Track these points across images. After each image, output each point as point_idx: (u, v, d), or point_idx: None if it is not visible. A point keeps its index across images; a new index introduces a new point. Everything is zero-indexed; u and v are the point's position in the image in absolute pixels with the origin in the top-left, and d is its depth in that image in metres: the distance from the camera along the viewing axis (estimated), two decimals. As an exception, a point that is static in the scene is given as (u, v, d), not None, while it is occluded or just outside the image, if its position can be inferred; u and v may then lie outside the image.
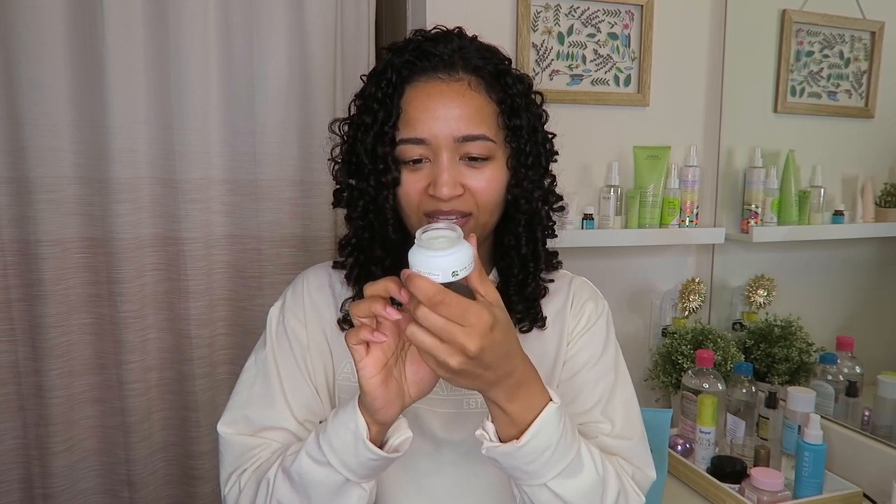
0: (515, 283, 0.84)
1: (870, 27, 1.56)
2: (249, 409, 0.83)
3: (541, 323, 0.86)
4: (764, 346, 1.51)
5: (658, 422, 1.14)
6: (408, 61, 0.77)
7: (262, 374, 0.85)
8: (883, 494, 1.15)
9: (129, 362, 1.31)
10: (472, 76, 0.77)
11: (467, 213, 0.77)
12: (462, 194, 0.76)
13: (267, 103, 1.36)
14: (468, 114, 0.75)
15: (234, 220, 1.38)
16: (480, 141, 0.76)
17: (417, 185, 0.76)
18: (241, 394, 0.85)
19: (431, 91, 0.76)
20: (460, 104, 0.75)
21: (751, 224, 1.58)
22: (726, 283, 1.68)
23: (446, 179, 0.74)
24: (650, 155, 1.55)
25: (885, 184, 1.52)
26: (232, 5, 1.32)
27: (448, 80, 0.76)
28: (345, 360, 0.85)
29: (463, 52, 0.78)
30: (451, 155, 0.75)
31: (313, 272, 0.91)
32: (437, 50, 0.77)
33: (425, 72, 0.77)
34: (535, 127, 0.82)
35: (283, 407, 0.82)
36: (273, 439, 0.81)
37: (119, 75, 1.24)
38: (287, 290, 0.91)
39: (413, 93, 0.76)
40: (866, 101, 1.59)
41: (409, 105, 0.76)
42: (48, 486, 1.29)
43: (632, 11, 1.54)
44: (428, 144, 0.75)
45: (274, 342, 0.86)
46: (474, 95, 0.76)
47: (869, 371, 1.34)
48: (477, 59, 0.78)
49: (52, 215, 1.24)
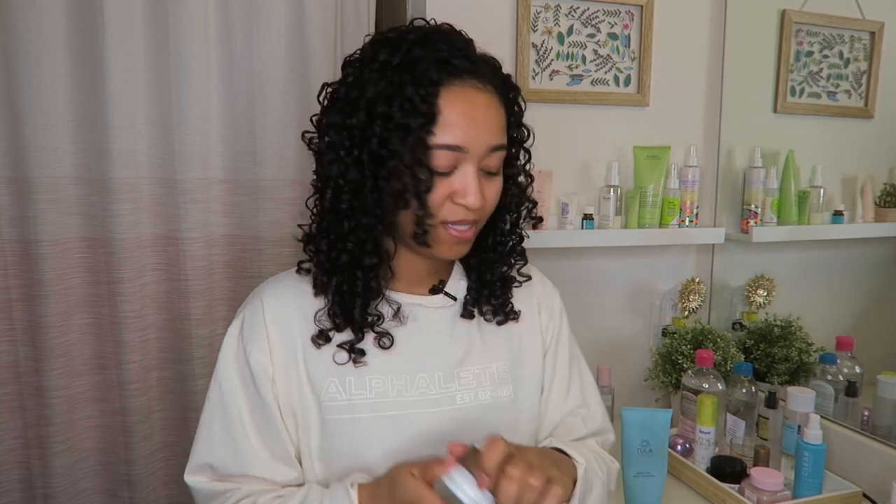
0: (491, 278, 0.88)
1: (869, 27, 1.56)
2: (213, 456, 0.80)
3: (514, 316, 0.89)
4: (764, 346, 1.51)
5: (658, 422, 1.14)
6: (442, 59, 0.72)
7: (220, 413, 0.81)
8: (882, 494, 1.15)
9: (130, 362, 1.31)
10: (493, 87, 0.77)
11: (477, 221, 0.79)
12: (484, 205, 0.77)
13: (267, 103, 1.36)
14: (499, 125, 0.77)
15: (234, 220, 1.38)
16: (502, 151, 0.78)
17: (443, 192, 0.75)
18: (201, 438, 0.82)
19: (471, 98, 0.74)
20: (495, 115, 0.77)
21: (750, 224, 1.58)
22: (726, 283, 1.68)
23: (476, 189, 0.75)
24: (650, 155, 1.55)
25: (884, 184, 1.52)
26: (232, 5, 1.32)
27: (483, 90, 0.76)
28: (329, 379, 0.80)
29: (486, 62, 0.78)
30: (479, 165, 0.76)
31: (273, 289, 0.84)
32: (475, 57, 0.76)
33: (459, 76, 0.73)
34: (523, 141, 0.85)
35: (246, 450, 0.79)
36: (243, 486, 0.80)
37: (119, 75, 1.24)
38: (243, 310, 0.84)
39: (451, 96, 0.72)
40: (866, 102, 1.59)
41: (448, 108, 0.72)
42: (48, 486, 1.29)
43: (632, 11, 1.54)
44: (466, 152, 0.74)
45: (233, 376, 0.80)
46: (499, 107, 0.78)
47: (868, 371, 1.34)
48: (493, 71, 0.78)
49: (52, 215, 1.24)
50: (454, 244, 0.79)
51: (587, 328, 1.54)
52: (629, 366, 1.62)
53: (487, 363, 0.86)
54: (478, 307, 0.88)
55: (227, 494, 0.80)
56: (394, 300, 0.84)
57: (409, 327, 0.84)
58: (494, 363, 0.86)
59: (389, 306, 0.83)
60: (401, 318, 0.83)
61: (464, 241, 0.79)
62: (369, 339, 0.82)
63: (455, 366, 0.84)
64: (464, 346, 0.86)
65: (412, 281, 0.86)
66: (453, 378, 0.83)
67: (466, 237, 0.79)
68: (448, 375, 0.83)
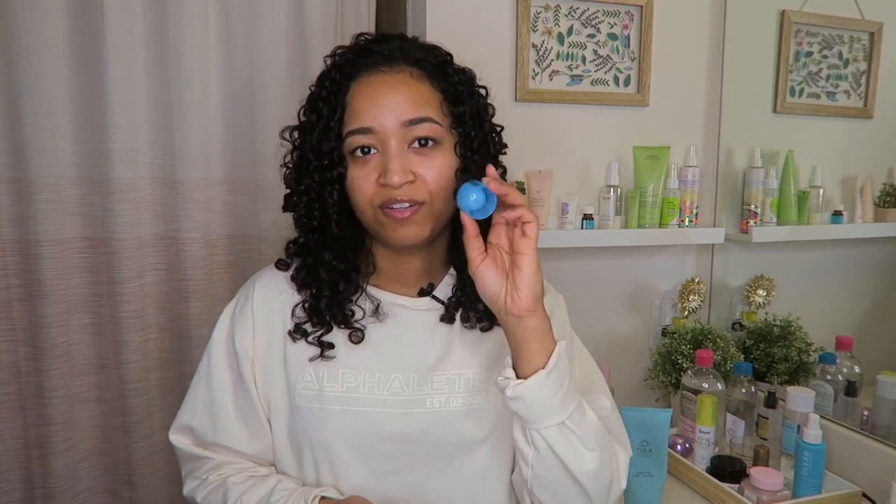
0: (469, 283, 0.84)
1: (869, 28, 1.56)
2: (194, 420, 0.87)
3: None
4: (763, 345, 1.51)
5: (658, 422, 1.14)
6: (350, 59, 0.80)
7: (206, 382, 0.87)
8: (882, 494, 1.15)
9: (130, 362, 1.31)
10: (413, 67, 0.79)
11: (421, 202, 0.77)
12: (414, 181, 0.77)
13: (267, 103, 1.36)
14: (412, 99, 0.77)
15: (234, 220, 1.38)
16: (427, 123, 0.77)
17: (368, 178, 0.77)
18: (188, 401, 0.88)
19: (375, 83, 0.78)
20: (404, 91, 0.77)
21: (750, 224, 1.59)
22: (726, 283, 1.68)
23: (396, 166, 0.75)
24: (650, 155, 1.55)
25: (884, 184, 1.52)
26: (232, 5, 1.32)
27: (390, 72, 0.78)
28: (305, 369, 0.83)
29: (403, 48, 0.80)
30: (398, 142, 0.76)
31: (268, 277, 0.89)
32: (378, 47, 0.80)
33: (367, 67, 0.79)
34: (481, 115, 0.83)
35: (224, 421, 0.85)
36: (217, 456, 0.86)
37: (119, 75, 1.24)
38: (241, 291, 0.90)
39: (357, 87, 0.79)
40: (865, 102, 1.59)
41: (354, 98, 0.78)
42: (48, 486, 1.29)
43: (631, 12, 1.54)
44: (375, 133, 0.76)
45: (220, 351, 0.86)
46: (416, 83, 0.79)
47: (868, 371, 1.34)
48: (418, 53, 0.80)
49: (53, 215, 1.24)
50: (396, 226, 0.78)
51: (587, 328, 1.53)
52: (629, 366, 1.62)
53: (463, 370, 0.84)
54: (462, 311, 0.85)
55: (203, 461, 0.86)
56: (374, 297, 0.85)
57: (388, 326, 0.84)
58: (471, 370, 0.84)
59: (370, 302, 0.84)
60: (379, 316, 0.84)
61: (405, 222, 0.77)
62: (343, 333, 0.83)
63: (430, 369, 0.83)
64: (440, 350, 0.85)
65: (397, 280, 0.86)
66: (426, 381, 0.83)
67: (405, 216, 0.77)
68: (422, 378, 0.83)
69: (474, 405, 0.83)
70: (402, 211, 0.77)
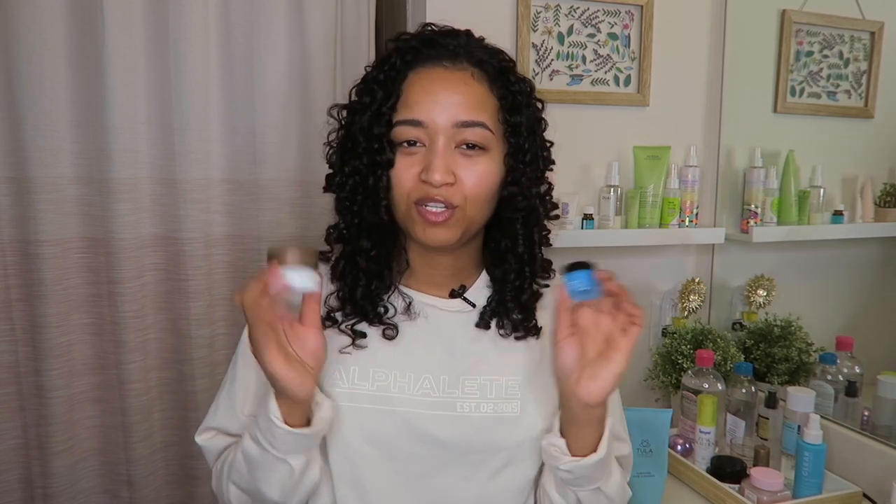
0: (512, 290, 0.84)
1: (869, 27, 1.56)
2: (217, 420, 0.86)
3: (535, 332, 0.85)
4: (764, 346, 1.51)
5: (658, 422, 1.14)
6: (413, 48, 0.78)
7: (229, 384, 0.86)
8: (882, 494, 1.15)
9: (130, 362, 1.31)
10: (475, 68, 0.78)
11: (455, 205, 0.76)
12: (453, 183, 0.75)
13: (267, 103, 1.36)
14: (469, 101, 0.76)
15: (234, 220, 1.38)
16: (479, 128, 0.76)
17: (410, 170, 0.76)
18: (212, 406, 0.87)
19: (434, 77, 0.77)
20: (462, 91, 0.76)
21: (750, 224, 1.58)
22: (726, 283, 1.68)
23: (439, 164, 0.74)
24: (650, 155, 1.55)
25: (884, 184, 1.52)
26: (232, 5, 1.32)
27: (451, 69, 0.78)
28: (334, 366, 0.80)
29: (469, 47, 0.79)
30: (447, 141, 0.75)
31: None
32: (443, 41, 0.78)
33: (430, 59, 0.78)
34: (535, 128, 0.82)
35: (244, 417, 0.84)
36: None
37: (119, 75, 1.24)
38: None
39: (415, 78, 0.77)
40: (866, 102, 1.59)
41: (411, 88, 0.77)
42: (48, 486, 1.29)
43: (632, 11, 1.54)
44: (425, 127, 0.75)
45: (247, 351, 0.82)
46: (476, 85, 0.78)
47: (868, 371, 1.34)
48: (482, 54, 0.79)
49: (52, 215, 1.24)
50: (427, 226, 0.76)
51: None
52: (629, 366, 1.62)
53: (496, 375, 0.83)
54: (497, 319, 0.84)
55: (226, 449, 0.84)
56: (407, 295, 0.84)
57: (420, 325, 0.83)
58: (504, 376, 0.83)
59: (402, 300, 0.83)
60: (410, 314, 0.83)
61: (438, 224, 0.76)
62: (376, 330, 0.82)
63: (462, 373, 0.82)
64: (474, 355, 0.83)
65: (429, 281, 0.85)
66: (458, 384, 0.81)
67: (439, 220, 0.76)
68: (453, 381, 0.81)
69: (505, 412, 0.81)
70: (436, 213, 0.76)
